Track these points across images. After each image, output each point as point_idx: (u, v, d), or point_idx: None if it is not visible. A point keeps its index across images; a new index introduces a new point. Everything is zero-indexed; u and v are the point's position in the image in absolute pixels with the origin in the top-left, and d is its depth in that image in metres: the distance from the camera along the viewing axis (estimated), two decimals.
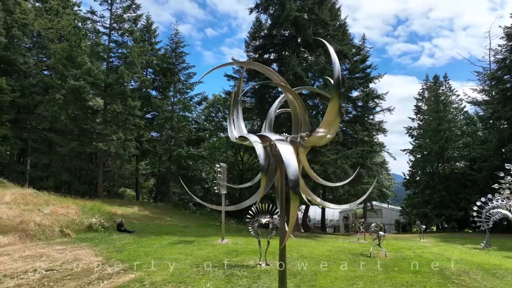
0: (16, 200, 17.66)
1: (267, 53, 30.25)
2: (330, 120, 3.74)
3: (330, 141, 20.61)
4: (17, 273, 8.73)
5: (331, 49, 3.76)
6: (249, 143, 5.38)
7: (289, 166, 3.49)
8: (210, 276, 9.42)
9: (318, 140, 4.31)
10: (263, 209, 11.97)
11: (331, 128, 3.88)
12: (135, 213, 25.73)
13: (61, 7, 38.68)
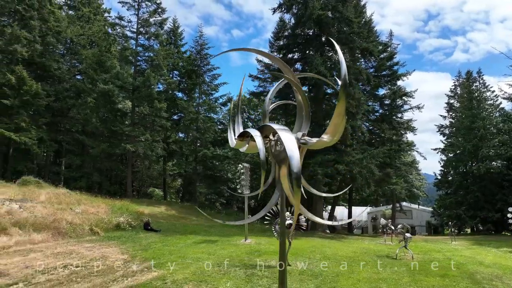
0: (51, 199, 18.49)
1: (291, 53, 30.10)
2: (337, 123, 3.69)
3: (356, 140, 20.29)
4: (48, 268, 9.17)
5: (338, 50, 3.70)
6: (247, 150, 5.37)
7: (292, 158, 3.46)
8: (230, 275, 9.49)
9: (324, 144, 4.27)
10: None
11: (338, 130, 3.81)
12: (162, 212, 26.32)
13: (92, 14, 40.26)
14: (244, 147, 5.31)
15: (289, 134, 4.00)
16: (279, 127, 4.18)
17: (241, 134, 4.77)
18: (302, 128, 4.71)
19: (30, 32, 30.02)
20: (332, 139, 3.92)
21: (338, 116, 3.60)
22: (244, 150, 5.45)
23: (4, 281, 7.98)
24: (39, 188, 21.32)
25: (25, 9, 30.84)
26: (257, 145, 3.91)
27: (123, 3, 34.64)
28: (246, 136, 4.86)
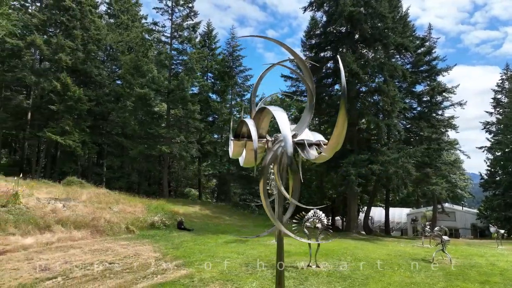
0: (91, 199, 19.49)
1: (323, 51, 29.67)
2: (340, 133, 3.60)
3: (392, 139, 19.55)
4: (84, 264, 9.67)
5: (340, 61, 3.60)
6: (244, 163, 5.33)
7: (286, 141, 3.42)
8: (257, 275, 9.51)
9: (325, 159, 4.22)
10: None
11: (340, 141, 3.72)
12: (196, 212, 26.90)
13: (130, 21, 42.02)
14: (241, 156, 5.35)
15: (283, 114, 4.00)
16: (274, 108, 4.21)
17: (236, 134, 4.79)
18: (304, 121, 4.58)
19: (73, 41, 31.89)
20: (332, 154, 3.86)
21: (340, 126, 3.50)
22: (242, 163, 5.49)
23: (45, 274, 8.53)
24: (81, 188, 22.55)
25: (68, 19, 32.79)
26: (252, 134, 3.93)
27: (157, 8, 35.89)
28: (242, 136, 4.88)
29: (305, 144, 4.41)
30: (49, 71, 32.46)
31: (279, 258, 4.92)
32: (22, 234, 11.86)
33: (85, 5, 34.19)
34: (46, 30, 33.68)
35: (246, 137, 4.91)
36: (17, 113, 34.11)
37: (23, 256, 10.10)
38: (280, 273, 4.91)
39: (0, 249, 10.37)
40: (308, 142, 4.45)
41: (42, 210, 14.49)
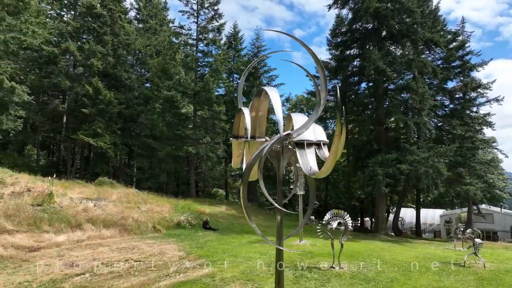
0: (121, 198, 20.15)
1: (349, 49, 29.17)
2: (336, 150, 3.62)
3: (422, 138, 19.00)
4: (111, 262, 10.02)
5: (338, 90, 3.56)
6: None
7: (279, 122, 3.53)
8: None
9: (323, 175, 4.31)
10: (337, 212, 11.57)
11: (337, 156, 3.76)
12: (222, 212, 27.18)
13: (158, 25, 43.10)
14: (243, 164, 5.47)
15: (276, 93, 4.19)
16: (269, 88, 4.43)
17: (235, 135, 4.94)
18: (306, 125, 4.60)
19: (104, 47, 33.12)
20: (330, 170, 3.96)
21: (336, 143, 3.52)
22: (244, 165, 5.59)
23: (74, 270, 8.92)
24: (112, 188, 23.37)
25: (99, 26, 34.10)
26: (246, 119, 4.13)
27: (183, 12, 36.55)
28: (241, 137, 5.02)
29: (305, 144, 4.42)
30: (82, 76, 33.91)
31: (278, 258, 4.91)
32: (55, 232, 12.46)
33: (115, 12, 35.41)
34: (80, 37, 35.16)
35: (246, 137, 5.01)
36: (53, 116, 35.87)
37: (55, 252, 10.61)
38: (280, 273, 4.90)
39: (35, 245, 10.95)
40: (308, 142, 4.44)
41: (74, 209, 15.15)
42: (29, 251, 10.46)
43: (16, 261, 9.53)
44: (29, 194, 15.17)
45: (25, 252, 10.33)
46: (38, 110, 34.62)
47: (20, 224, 12.05)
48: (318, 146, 4.78)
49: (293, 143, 4.91)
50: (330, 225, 11.05)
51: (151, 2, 44.41)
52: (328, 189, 40.68)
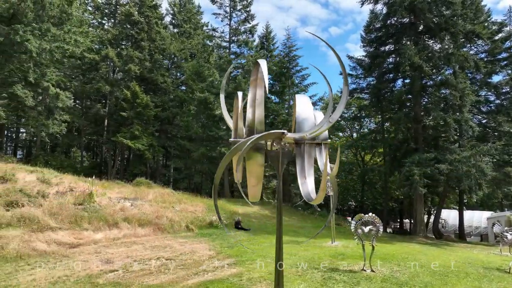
0: (156, 198, 20.82)
1: (383, 45, 28.27)
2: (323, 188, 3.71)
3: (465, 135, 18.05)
4: (144, 259, 10.41)
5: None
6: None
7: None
8: (306, 277, 9.40)
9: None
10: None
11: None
12: (255, 212, 27.30)
13: (192, 29, 44.21)
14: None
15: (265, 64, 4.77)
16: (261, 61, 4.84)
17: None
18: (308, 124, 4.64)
19: (141, 52, 34.49)
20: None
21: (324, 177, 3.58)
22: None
23: (108, 267, 9.36)
24: (148, 188, 24.21)
25: (137, 32, 35.55)
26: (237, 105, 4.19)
27: (216, 14, 37.23)
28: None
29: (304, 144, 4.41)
30: (121, 81, 35.55)
31: (278, 258, 4.86)
32: (94, 229, 13.13)
33: (152, 18, 36.78)
34: (118, 44, 36.85)
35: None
36: (96, 120, 37.91)
37: (93, 249, 11.18)
38: (279, 273, 4.86)
39: (75, 242, 11.61)
40: (309, 142, 4.40)
41: (112, 208, 15.88)
42: (69, 247, 11.11)
43: (57, 256, 10.17)
44: (71, 193, 16.10)
45: (66, 248, 10.99)
46: (82, 114, 36.71)
47: (62, 221, 12.82)
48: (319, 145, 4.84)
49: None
50: (360, 229, 10.76)
51: (186, 7, 45.62)
52: (364, 190, 39.63)
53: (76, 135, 39.75)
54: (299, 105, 5.05)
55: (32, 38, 20.73)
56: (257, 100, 4.93)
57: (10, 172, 16.09)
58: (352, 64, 33.19)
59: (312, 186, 4.91)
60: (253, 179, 4.85)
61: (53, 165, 26.21)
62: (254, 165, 4.78)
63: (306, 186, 4.87)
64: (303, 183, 5.01)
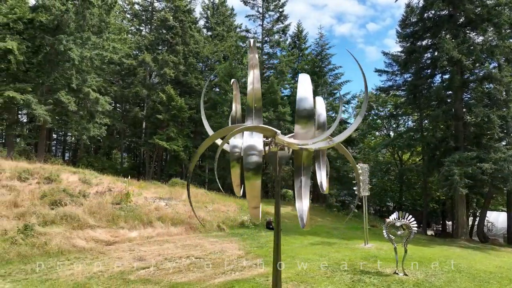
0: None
1: (420, 40, 27.11)
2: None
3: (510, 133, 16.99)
4: (174, 257, 10.72)
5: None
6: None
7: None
8: (334, 279, 9.24)
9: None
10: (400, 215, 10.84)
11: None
12: (288, 212, 27.18)
13: (225, 31, 44.85)
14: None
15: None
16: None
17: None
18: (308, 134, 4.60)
19: (175, 56, 35.49)
20: None
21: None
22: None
23: (140, 264, 9.75)
24: (183, 189, 24.86)
25: (172, 37, 36.64)
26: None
27: (249, 16, 37.54)
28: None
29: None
30: (157, 84, 36.81)
31: (276, 258, 4.80)
32: (130, 228, 13.71)
33: (185, 22, 37.76)
34: (154, 49, 38.16)
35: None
36: (135, 123, 39.53)
37: (127, 247, 11.69)
38: (277, 274, 4.79)
39: (111, 240, 12.19)
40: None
41: (147, 207, 16.49)
42: (106, 244, 11.69)
43: (94, 253, 10.73)
44: (110, 193, 16.90)
45: (103, 245, 11.57)
46: (121, 117, 38.40)
47: (100, 220, 13.50)
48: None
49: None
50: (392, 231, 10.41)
51: (218, 10, 46.37)
52: (403, 190, 38.20)
53: (117, 137, 41.62)
54: (300, 84, 5.04)
55: (74, 47, 22.04)
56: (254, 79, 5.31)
57: (55, 173, 17.15)
58: (388, 60, 32.19)
59: (307, 206, 4.90)
60: (253, 201, 4.83)
61: (95, 167, 27.66)
62: (254, 186, 4.75)
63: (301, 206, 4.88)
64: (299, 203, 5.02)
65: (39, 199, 13.86)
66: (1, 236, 10.57)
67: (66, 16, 21.66)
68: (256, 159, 4.53)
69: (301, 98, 4.93)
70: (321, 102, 5.86)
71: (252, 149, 4.69)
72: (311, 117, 4.94)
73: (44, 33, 22.12)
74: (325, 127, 5.47)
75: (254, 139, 4.89)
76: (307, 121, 4.91)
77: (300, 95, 4.97)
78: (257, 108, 5.33)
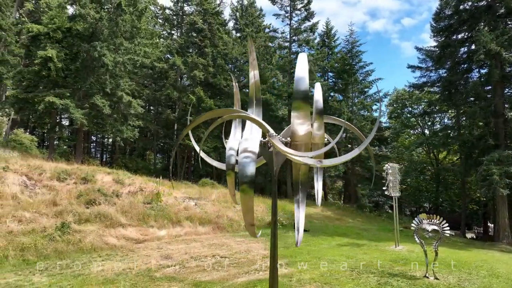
0: (219, 198, 21.65)
1: (455, 33, 25.90)
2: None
3: None
4: (200, 256, 10.93)
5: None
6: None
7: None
8: (360, 281, 9.04)
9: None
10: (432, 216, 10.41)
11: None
12: (317, 213, 26.90)
13: (254, 32, 45.08)
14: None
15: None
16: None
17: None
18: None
19: (204, 58, 36.12)
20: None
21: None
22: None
23: (167, 262, 10.03)
24: (212, 188, 25.28)
25: (200, 39, 37.33)
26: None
27: (277, 15, 37.55)
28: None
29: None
30: (188, 87, 37.62)
31: (273, 259, 4.71)
32: (159, 227, 14.12)
33: (214, 24, 38.35)
34: (184, 52, 39.06)
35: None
36: (167, 125, 40.61)
37: (156, 245, 12.05)
38: (274, 276, 4.70)
39: (141, 238, 12.62)
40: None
41: (176, 207, 16.91)
42: (135, 242, 12.12)
43: (124, 250, 11.16)
44: (141, 193, 17.49)
45: (132, 243, 12.01)
46: (154, 119, 39.58)
47: (131, 219, 14.01)
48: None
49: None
50: (421, 232, 10.03)
51: (248, 11, 46.66)
52: (439, 191, 36.61)
53: (150, 139, 42.96)
54: (298, 64, 4.94)
55: (107, 53, 23.00)
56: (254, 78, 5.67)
57: (91, 173, 17.97)
58: (421, 56, 31.01)
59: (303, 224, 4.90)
60: (249, 216, 4.70)
61: (130, 167, 28.72)
62: (250, 198, 4.67)
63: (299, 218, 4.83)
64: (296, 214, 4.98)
65: (76, 198, 14.59)
66: (40, 233, 11.23)
67: (100, 24, 22.65)
68: (251, 169, 4.35)
69: (298, 78, 4.73)
70: (318, 88, 5.68)
71: (246, 151, 4.62)
72: (307, 99, 4.72)
73: (81, 41, 23.27)
74: (321, 114, 5.32)
75: (250, 142, 4.85)
76: (303, 104, 4.69)
77: (297, 75, 4.78)
78: (257, 97, 5.40)
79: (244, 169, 4.38)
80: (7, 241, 10.24)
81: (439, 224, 9.98)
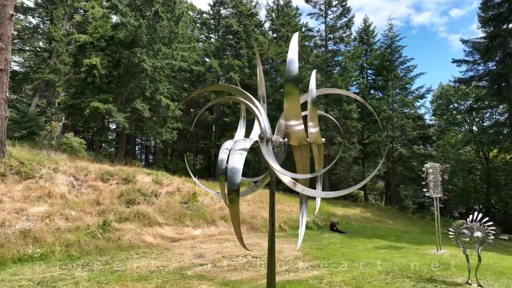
0: (254, 198, 21.77)
1: (504, 23, 24.13)
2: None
3: None
4: (232, 256, 11.07)
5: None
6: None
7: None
8: (394, 285, 8.71)
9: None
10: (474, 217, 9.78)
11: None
12: (356, 214, 26.20)
13: (290, 32, 44.87)
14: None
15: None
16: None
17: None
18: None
19: (240, 60, 36.51)
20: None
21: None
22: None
23: (199, 261, 10.26)
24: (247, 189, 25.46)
25: (236, 41, 37.80)
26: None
27: (312, 14, 37.11)
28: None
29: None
30: None
31: (271, 260, 4.59)
32: (194, 226, 14.49)
33: (249, 26, 38.67)
34: (221, 54, 39.77)
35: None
36: (205, 126, 41.59)
37: (190, 244, 12.37)
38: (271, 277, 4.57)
39: (176, 237, 13.01)
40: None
41: (212, 207, 17.26)
42: (171, 241, 12.52)
43: (160, 248, 11.57)
44: (178, 193, 18.04)
45: (168, 242, 12.42)
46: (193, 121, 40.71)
47: (168, 218, 14.50)
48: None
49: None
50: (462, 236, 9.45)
51: (284, 11, 46.54)
52: (490, 192, 34.18)
53: (190, 140, 44.19)
54: (290, 46, 4.81)
55: (147, 58, 23.99)
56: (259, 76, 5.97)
57: (131, 174, 18.83)
58: (468, 49, 29.22)
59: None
60: (239, 227, 4.63)
61: (170, 168, 29.70)
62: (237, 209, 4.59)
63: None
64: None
65: (117, 198, 15.36)
66: (84, 230, 11.94)
67: (140, 31, 23.67)
68: (238, 177, 4.29)
69: (289, 60, 4.62)
70: (313, 76, 5.64)
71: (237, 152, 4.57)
72: (297, 82, 4.64)
73: (122, 48, 24.47)
74: (315, 104, 5.18)
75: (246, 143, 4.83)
76: (295, 88, 4.61)
77: (288, 57, 4.67)
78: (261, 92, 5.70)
79: (233, 177, 4.29)
80: (55, 237, 11.00)
81: (481, 227, 9.35)
